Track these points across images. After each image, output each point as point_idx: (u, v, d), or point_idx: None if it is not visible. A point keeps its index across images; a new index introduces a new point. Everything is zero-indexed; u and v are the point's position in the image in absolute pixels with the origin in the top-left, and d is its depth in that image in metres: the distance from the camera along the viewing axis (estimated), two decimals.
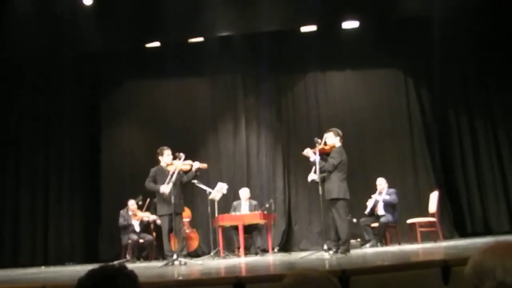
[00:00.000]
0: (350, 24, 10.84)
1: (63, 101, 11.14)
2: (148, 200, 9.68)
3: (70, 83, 11.22)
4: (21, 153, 10.86)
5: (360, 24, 10.81)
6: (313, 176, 7.15)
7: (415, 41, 10.83)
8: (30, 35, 9.88)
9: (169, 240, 7.45)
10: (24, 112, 10.95)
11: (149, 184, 7.54)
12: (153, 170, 7.64)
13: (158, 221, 8.79)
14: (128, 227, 9.70)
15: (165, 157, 7.59)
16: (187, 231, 9.89)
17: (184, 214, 9.67)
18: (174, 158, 7.58)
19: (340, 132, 7.35)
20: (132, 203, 9.83)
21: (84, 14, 9.98)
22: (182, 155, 7.48)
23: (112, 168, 11.34)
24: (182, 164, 7.48)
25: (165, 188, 7.26)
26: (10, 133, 10.82)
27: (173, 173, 7.32)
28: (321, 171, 7.09)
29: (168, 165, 7.51)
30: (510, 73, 10.18)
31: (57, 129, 11.08)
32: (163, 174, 7.45)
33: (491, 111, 10.35)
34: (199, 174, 7.90)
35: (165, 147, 7.72)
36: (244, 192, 9.68)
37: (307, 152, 7.20)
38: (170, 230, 7.42)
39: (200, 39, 11.09)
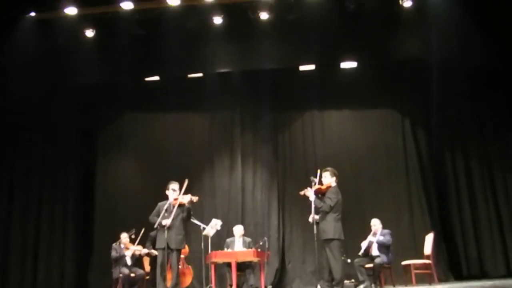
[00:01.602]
0: (348, 64, 10.98)
1: (60, 131, 11.13)
2: (141, 232, 9.59)
3: (69, 114, 11.23)
4: (14, 182, 10.78)
5: (358, 65, 10.95)
6: (315, 217, 7.11)
7: (412, 82, 10.98)
8: (30, 64, 9.99)
9: (162, 274, 7.34)
10: (19, 141, 10.91)
11: (152, 218, 7.47)
12: (159, 204, 7.57)
13: (155, 252, 8.70)
14: (120, 260, 9.57)
15: (170, 191, 7.53)
16: (179, 267, 9.74)
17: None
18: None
19: (336, 172, 7.36)
20: (124, 236, 9.74)
21: (85, 46, 10.13)
22: (180, 191, 7.45)
23: (106, 200, 11.27)
24: (182, 198, 7.43)
25: (165, 221, 7.22)
26: (4, 161, 10.77)
27: (172, 207, 7.28)
28: (318, 211, 7.08)
29: (175, 199, 7.45)
30: (506, 115, 10.27)
31: (53, 158, 11.04)
32: (167, 209, 7.40)
33: (487, 153, 10.39)
34: (191, 207, 7.76)
35: (173, 182, 7.61)
36: (238, 229, 9.61)
37: (307, 192, 7.19)
38: (165, 264, 7.34)
39: (200, 74, 11.20)
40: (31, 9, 9.67)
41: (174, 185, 7.55)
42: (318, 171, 7.44)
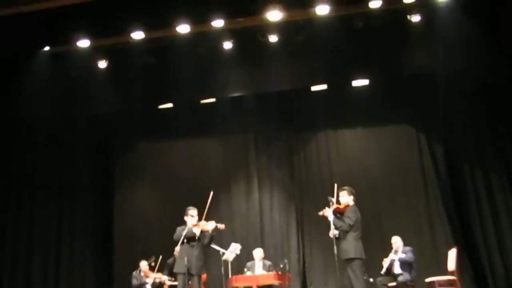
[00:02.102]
0: (360, 82, 10.98)
1: (76, 163, 11.22)
2: (159, 259, 9.57)
3: (83, 145, 11.35)
4: (33, 213, 10.84)
5: (370, 82, 10.94)
6: (335, 232, 7.10)
7: (425, 96, 10.91)
8: (45, 98, 10.17)
9: None
10: (36, 174, 11.00)
11: (176, 234, 7.38)
12: (178, 228, 7.54)
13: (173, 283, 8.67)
14: (142, 287, 9.57)
15: (189, 217, 7.51)
16: None
17: None
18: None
19: (353, 190, 7.33)
20: (144, 264, 9.74)
21: (98, 77, 10.27)
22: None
23: (124, 229, 11.33)
24: (204, 224, 7.40)
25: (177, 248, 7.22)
26: (23, 193, 10.85)
27: (193, 233, 7.28)
28: (337, 231, 7.07)
29: (194, 225, 7.43)
30: None
31: (70, 190, 11.12)
32: (186, 235, 7.37)
33: (506, 163, 10.23)
34: (215, 234, 7.74)
35: (191, 207, 7.57)
36: (258, 253, 9.55)
37: (326, 212, 7.17)
38: None
39: (212, 100, 11.26)
40: (46, 44, 9.85)
41: (192, 211, 7.53)
42: (335, 186, 7.40)
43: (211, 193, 7.49)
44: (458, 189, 10.57)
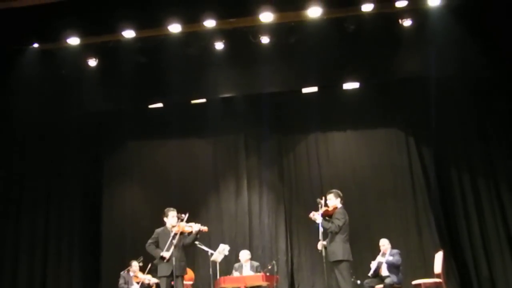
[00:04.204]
0: (350, 85, 11.02)
1: (65, 161, 11.14)
2: (150, 264, 9.53)
3: (72, 143, 11.26)
4: (20, 212, 10.74)
5: (361, 85, 10.99)
6: (323, 243, 7.11)
7: (415, 100, 10.97)
8: (34, 95, 10.07)
9: None
10: (25, 171, 10.90)
11: (149, 247, 7.39)
12: (157, 231, 7.49)
13: None
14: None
15: (170, 218, 7.46)
16: None
17: (186, 277, 9.53)
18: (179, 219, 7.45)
19: (340, 193, 7.36)
20: (135, 264, 9.70)
21: (88, 75, 10.20)
22: (184, 216, 7.38)
23: (113, 229, 11.27)
24: (184, 226, 7.35)
25: (166, 254, 7.15)
26: (11, 192, 10.75)
27: (175, 235, 7.21)
28: (326, 233, 7.07)
29: (173, 226, 7.38)
30: (511, 130, 10.22)
31: (59, 189, 11.02)
32: (167, 236, 7.28)
33: (493, 169, 10.30)
34: (199, 237, 7.71)
35: (171, 208, 7.53)
36: (244, 254, 9.55)
37: (314, 215, 7.18)
38: None
39: (203, 100, 11.25)
40: (35, 41, 9.78)
41: (172, 212, 7.48)
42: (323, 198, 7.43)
43: (187, 214, 7.38)
44: (445, 193, 10.63)
